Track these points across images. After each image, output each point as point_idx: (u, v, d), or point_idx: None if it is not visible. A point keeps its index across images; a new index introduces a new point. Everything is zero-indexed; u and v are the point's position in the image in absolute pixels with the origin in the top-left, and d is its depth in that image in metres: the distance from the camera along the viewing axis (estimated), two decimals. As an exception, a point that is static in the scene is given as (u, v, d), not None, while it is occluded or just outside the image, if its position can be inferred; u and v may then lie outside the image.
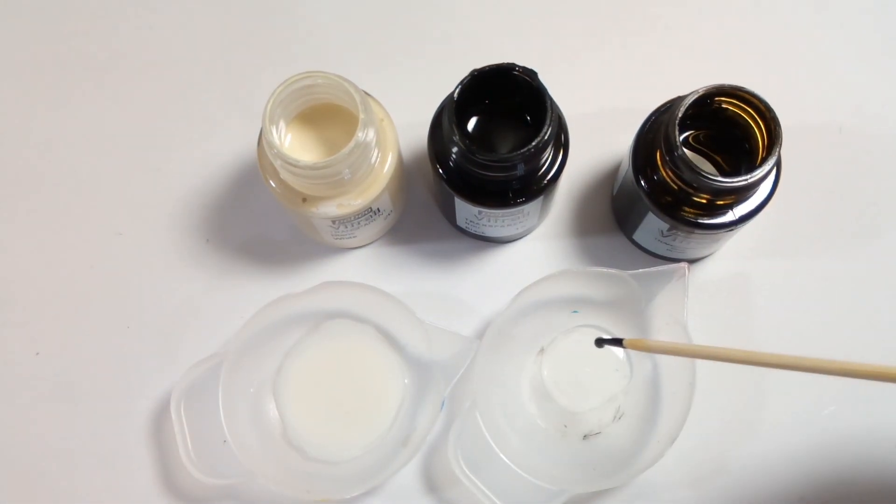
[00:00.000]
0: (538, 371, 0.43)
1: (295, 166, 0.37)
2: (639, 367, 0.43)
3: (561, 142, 0.40)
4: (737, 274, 0.46)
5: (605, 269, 0.41)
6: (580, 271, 0.43)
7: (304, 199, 0.40)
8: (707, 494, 0.43)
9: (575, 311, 0.44)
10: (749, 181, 0.36)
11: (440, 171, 0.40)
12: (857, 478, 0.43)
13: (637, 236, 0.44)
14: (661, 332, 0.42)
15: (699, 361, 0.40)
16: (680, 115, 0.37)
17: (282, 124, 0.40)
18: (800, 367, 0.31)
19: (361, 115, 0.37)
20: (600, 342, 0.40)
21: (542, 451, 0.42)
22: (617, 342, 0.39)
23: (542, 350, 0.44)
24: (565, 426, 0.43)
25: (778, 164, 0.40)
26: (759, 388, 0.44)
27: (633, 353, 0.43)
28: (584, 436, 0.42)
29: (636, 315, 0.43)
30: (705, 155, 0.42)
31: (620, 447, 0.42)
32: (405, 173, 0.46)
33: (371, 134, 0.38)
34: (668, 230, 0.41)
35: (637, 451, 0.41)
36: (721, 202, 0.39)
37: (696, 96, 0.37)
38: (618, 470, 0.40)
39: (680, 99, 0.38)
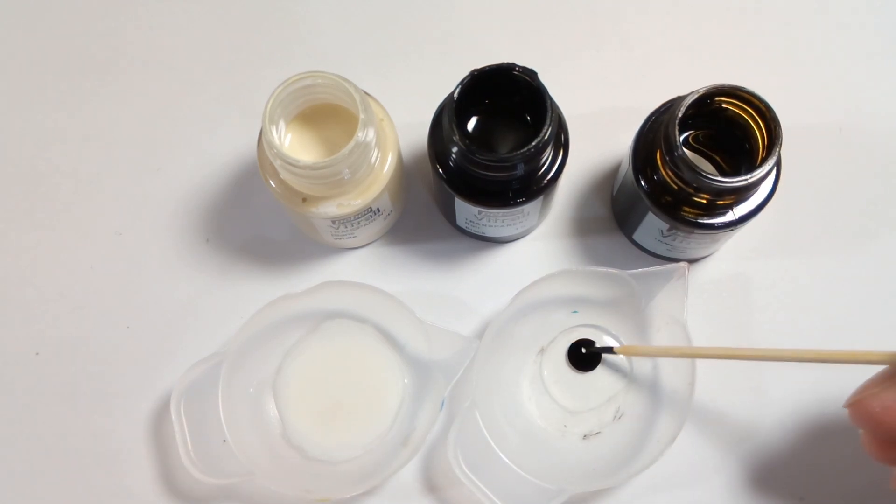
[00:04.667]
0: (538, 371, 0.43)
1: (295, 166, 0.37)
2: (638, 367, 0.43)
3: (561, 142, 0.40)
4: (737, 274, 0.46)
5: (604, 269, 0.41)
6: (579, 271, 0.43)
7: (304, 199, 0.40)
8: (706, 494, 0.43)
9: (574, 312, 0.44)
10: (749, 181, 0.36)
11: (440, 171, 0.40)
12: (858, 478, 0.43)
13: (637, 236, 0.44)
14: (661, 332, 0.42)
15: (699, 360, 0.41)
16: (680, 114, 0.37)
17: (282, 124, 0.40)
18: (777, 357, 0.32)
19: (361, 115, 0.37)
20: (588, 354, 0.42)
21: (542, 451, 0.42)
22: (607, 349, 0.41)
23: (541, 350, 0.44)
24: (565, 426, 0.43)
25: (778, 164, 0.40)
26: (759, 387, 0.44)
27: None
28: (584, 435, 0.42)
29: (635, 314, 0.43)
30: (705, 155, 0.42)
31: (620, 447, 0.42)
32: (405, 173, 0.46)
33: (371, 134, 0.38)
34: (668, 230, 0.41)
35: (637, 450, 0.41)
36: (721, 202, 0.39)
37: (696, 96, 0.37)
38: (618, 469, 0.40)
39: (680, 99, 0.38)
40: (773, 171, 0.39)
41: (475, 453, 0.40)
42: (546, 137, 0.37)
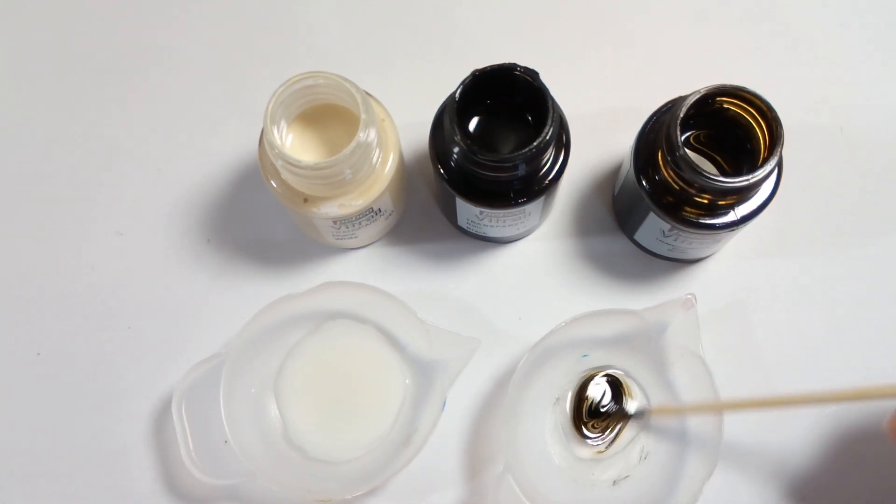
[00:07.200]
0: (556, 422, 0.43)
1: (296, 166, 0.37)
2: (657, 402, 0.43)
3: (562, 142, 0.40)
4: (738, 274, 0.46)
5: (612, 309, 0.41)
6: (588, 315, 0.41)
7: (306, 200, 0.40)
8: (708, 495, 0.43)
9: (585, 356, 0.43)
10: (750, 181, 0.36)
11: (441, 171, 0.40)
12: (858, 478, 0.43)
13: (638, 236, 0.44)
14: (676, 365, 0.42)
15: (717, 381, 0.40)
16: (681, 115, 0.37)
17: (283, 124, 0.40)
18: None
19: (363, 116, 0.37)
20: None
21: None
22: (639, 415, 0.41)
23: (557, 400, 0.43)
24: (593, 474, 0.42)
25: (779, 165, 0.40)
26: (759, 387, 0.44)
27: (648, 389, 0.43)
28: (614, 481, 0.41)
29: (647, 349, 0.42)
30: (707, 155, 0.42)
31: (652, 487, 0.41)
32: (406, 174, 0.46)
33: (372, 134, 0.38)
34: (670, 230, 0.41)
35: (671, 488, 0.40)
36: (723, 202, 0.39)
37: (697, 96, 0.37)
38: None
39: (681, 99, 0.38)
40: (775, 172, 0.39)
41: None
42: (547, 138, 0.37)
